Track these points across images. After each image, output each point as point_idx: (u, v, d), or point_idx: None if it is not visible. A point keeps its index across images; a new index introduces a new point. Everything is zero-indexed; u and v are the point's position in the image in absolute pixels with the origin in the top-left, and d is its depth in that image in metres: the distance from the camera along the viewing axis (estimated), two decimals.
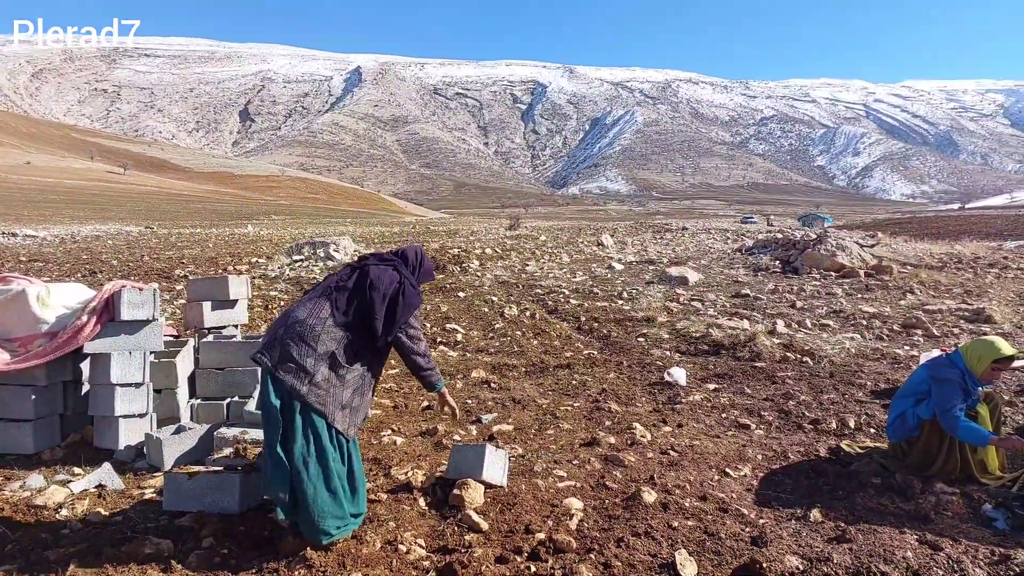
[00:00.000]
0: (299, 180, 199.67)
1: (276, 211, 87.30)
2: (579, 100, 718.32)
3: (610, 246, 25.09)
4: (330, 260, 15.68)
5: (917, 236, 27.03)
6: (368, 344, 3.18)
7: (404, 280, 3.30)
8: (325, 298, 3.17)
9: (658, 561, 2.99)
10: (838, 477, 4.03)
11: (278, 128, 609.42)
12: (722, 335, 7.81)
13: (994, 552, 3.09)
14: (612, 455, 4.33)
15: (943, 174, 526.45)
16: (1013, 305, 10.31)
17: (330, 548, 3.02)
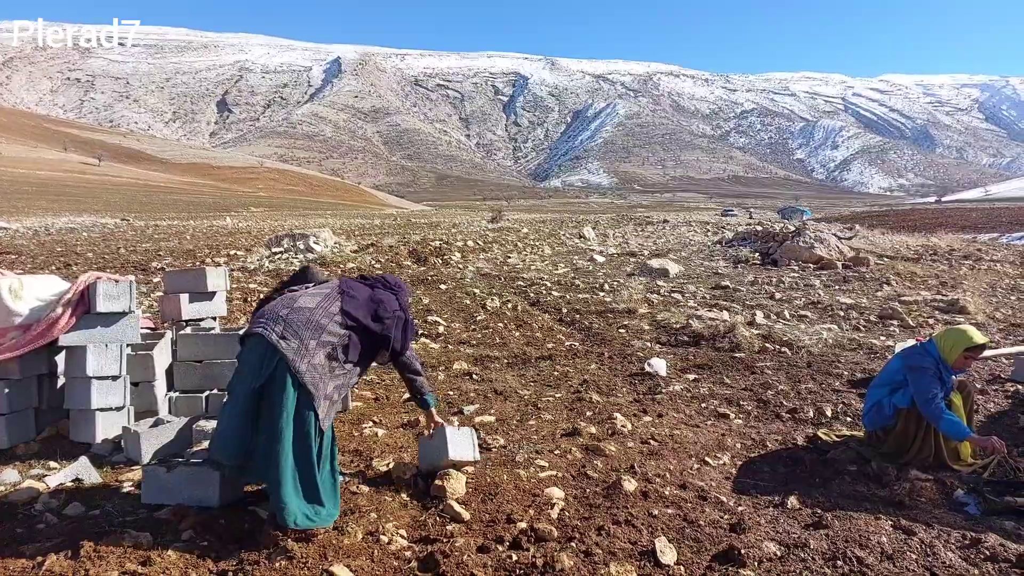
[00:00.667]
0: (278, 172, 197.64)
1: (255, 203, 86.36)
2: (561, 92, 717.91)
3: (592, 238, 25.19)
4: (310, 252, 15.57)
5: (894, 229, 27.45)
6: (364, 350, 3.33)
7: (407, 308, 3.60)
8: (336, 297, 3.34)
9: (638, 548, 3.03)
10: (815, 465, 4.10)
11: (256, 119, 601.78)
12: (702, 326, 7.88)
13: (965, 536, 3.16)
14: (593, 445, 4.36)
15: (919, 168, 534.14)
16: (986, 296, 10.53)
17: (311, 539, 3.01)
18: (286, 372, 3.01)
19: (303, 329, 3.12)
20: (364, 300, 3.41)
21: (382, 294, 3.51)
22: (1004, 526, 3.29)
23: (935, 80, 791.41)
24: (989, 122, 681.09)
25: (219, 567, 2.84)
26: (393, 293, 3.58)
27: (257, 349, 3.10)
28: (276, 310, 3.22)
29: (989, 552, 3.01)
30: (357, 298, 3.39)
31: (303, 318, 3.16)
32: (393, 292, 3.59)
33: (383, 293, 3.52)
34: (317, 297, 3.31)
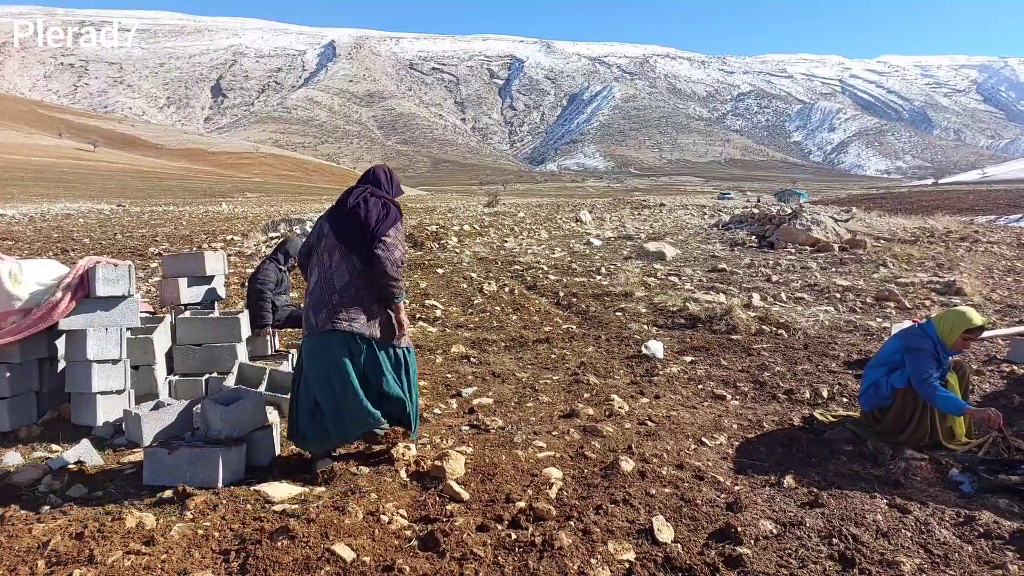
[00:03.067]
0: (273, 157, 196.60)
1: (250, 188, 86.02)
2: (557, 75, 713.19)
3: (588, 222, 25.15)
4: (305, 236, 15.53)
5: (891, 211, 27.45)
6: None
7: (385, 200, 3.72)
8: (342, 261, 3.58)
9: (636, 527, 3.06)
10: (811, 445, 4.13)
11: (251, 104, 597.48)
12: (699, 309, 7.91)
13: (959, 514, 3.20)
14: (591, 426, 4.39)
15: (917, 150, 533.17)
16: (983, 278, 10.57)
17: (312, 519, 3.04)
18: (363, 341, 3.60)
19: (352, 305, 3.60)
20: (352, 231, 3.62)
21: (365, 205, 3.65)
22: (998, 504, 3.34)
23: (933, 61, 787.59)
24: (987, 103, 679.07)
25: (222, 547, 2.87)
26: (369, 192, 3.74)
27: (319, 342, 3.61)
28: (323, 293, 3.62)
29: (983, 529, 3.05)
30: (347, 242, 3.62)
31: (349, 297, 3.58)
32: (368, 191, 3.75)
33: (366, 203, 3.66)
34: (335, 268, 3.63)
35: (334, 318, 3.48)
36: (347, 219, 3.60)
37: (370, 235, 3.52)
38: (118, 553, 2.74)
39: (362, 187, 3.76)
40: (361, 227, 3.54)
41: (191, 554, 2.80)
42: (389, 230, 3.55)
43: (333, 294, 3.52)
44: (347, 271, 3.54)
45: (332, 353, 3.51)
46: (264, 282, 5.57)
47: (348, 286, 3.52)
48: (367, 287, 3.54)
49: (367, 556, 2.78)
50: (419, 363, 6.18)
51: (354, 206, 3.62)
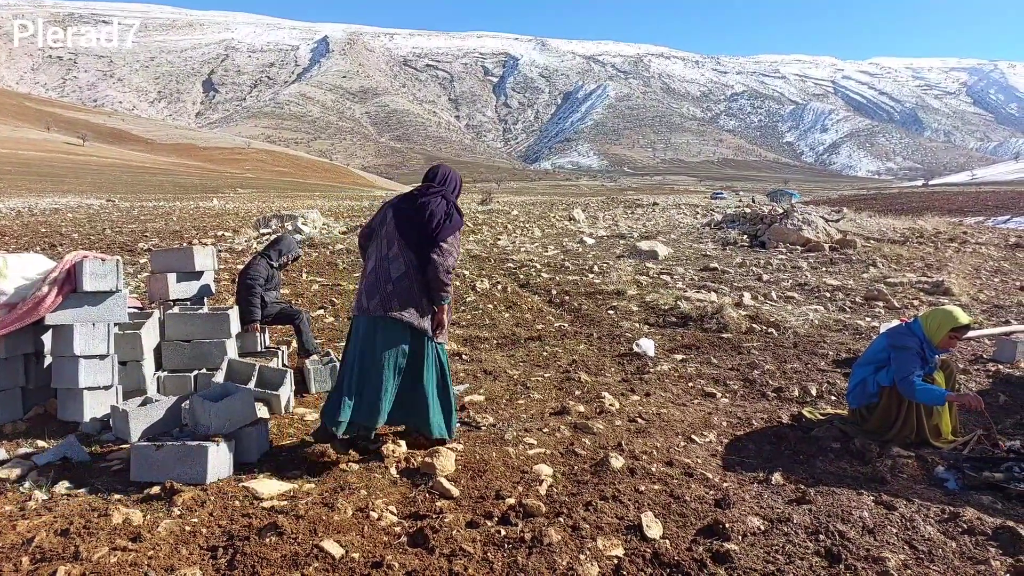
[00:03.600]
0: (265, 153, 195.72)
1: (242, 184, 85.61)
2: (551, 73, 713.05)
3: (582, 221, 25.17)
4: (298, 233, 15.47)
5: (881, 211, 27.59)
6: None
7: (450, 203, 3.84)
8: (400, 253, 3.71)
9: (625, 523, 3.07)
10: (799, 442, 4.16)
11: (243, 99, 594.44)
12: (690, 307, 7.94)
13: (944, 510, 3.23)
14: (581, 423, 4.40)
15: (908, 151, 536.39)
16: (971, 278, 10.65)
17: (301, 516, 3.03)
18: (421, 335, 3.83)
19: (407, 295, 3.77)
20: (413, 229, 3.79)
21: (431, 204, 3.79)
22: (982, 500, 3.37)
23: (924, 63, 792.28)
24: (977, 106, 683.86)
25: (209, 543, 2.86)
26: (440, 195, 3.87)
27: (375, 325, 3.78)
28: (379, 282, 3.79)
29: (967, 525, 3.08)
30: (406, 240, 3.79)
31: (404, 287, 3.74)
32: (439, 193, 3.87)
33: (432, 202, 3.80)
34: (394, 259, 3.78)
35: (387, 306, 3.66)
36: (412, 214, 3.76)
37: (429, 237, 3.69)
38: (104, 549, 2.73)
39: (431, 185, 3.89)
40: (422, 226, 3.70)
41: (178, 550, 2.78)
42: (448, 236, 3.72)
43: (388, 283, 3.69)
44: (404, 263, 3.71)
45: (378, 338, 3.70)
46: (254, 277, 5.55)
47: (403, 278, 3.69)
48: (420, 282, 3.71)
49: (356, 552, 2.77)
50: None
51: (422, 204, 3.76)
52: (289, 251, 6.00)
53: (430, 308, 3.77)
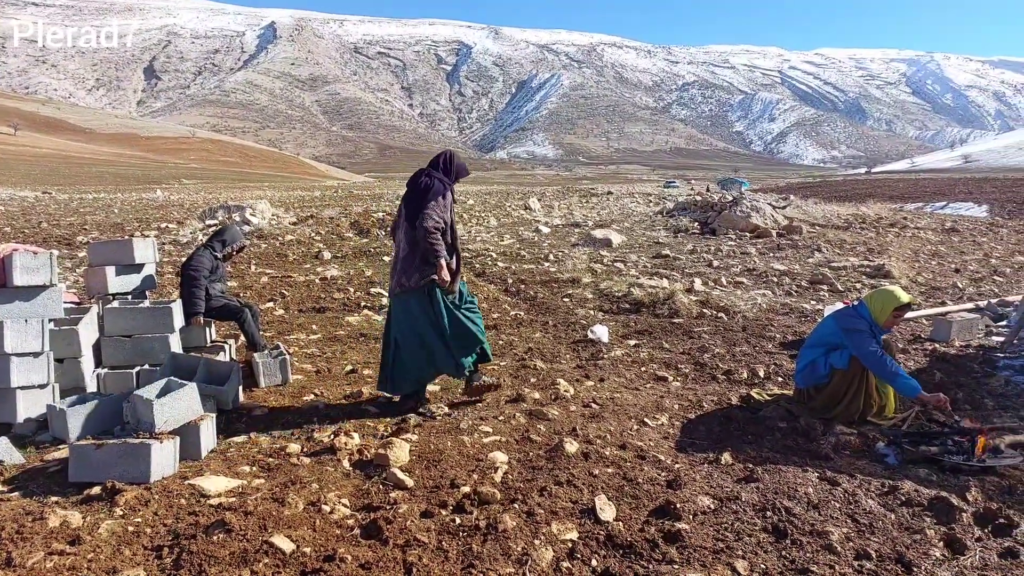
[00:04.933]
0: (211, 142, 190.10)
1: (187, 175, 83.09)
2: (505, 62, 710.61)
3: (537, 210, 25.23)
4: (246, 225, 15.08)
5: (826, 198, 28.43)
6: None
7: (434, 177, 4.35)
8: (404, 235, 4.30)
9: (579, 507, 3.09)
10: (748, 423, 4.26)
11: (187, 87, 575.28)
12: (643, 294, 8.04)
13: (884, 484, 3.35)
14: (537, 410, 4.42)
15: (851, 140, 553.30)
16: (910, 261, 11.07)
17: (250, 512, 2.96)
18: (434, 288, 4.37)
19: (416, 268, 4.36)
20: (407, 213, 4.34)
21: (422, 185, 4.33)
22: (919, 474, 3.51)
23: (867, 54, 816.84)
24: (916, 96, 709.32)
25: (154, 543, 2.77)
26: (427, 175, 4.40)
27: (427, 296, 4.35)
28: (394, 265, 4.46)
29: (905, 498, 3.20)
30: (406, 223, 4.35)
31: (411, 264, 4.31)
32: (427, 175, 4.40)
33: (421, 184, 4.35)
34: (403, 242, 4.36)
35: (399, 282, 4.29)
36: (410, 199, 4.34)
37: (417, 209, 4.22)
38: (39, 554, 2.61)
39: (423, 169, 4.46)
40: (416, 203, 4.26)
41: (121, 552, 2.69)
42: (430, 202, 4.19)
43: (398, 263, 4.34)
44: (407, 243, 4.26)
45: (398, 314, 4.37)
46: (197, 269, 5.38)
47: (408, 256, 4.26)
48: (417, 251, 4.22)
49: (307, 547, 2.73)
50: (363, 352, 6.10)
51: (418, 185, 4.34)
52: (234, 241, 5.82)
53: (429, 270, 4.21)
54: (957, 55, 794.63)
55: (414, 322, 4.30)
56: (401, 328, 4.34)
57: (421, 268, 4.21)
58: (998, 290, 8.84)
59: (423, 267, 4.20)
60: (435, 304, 4.28)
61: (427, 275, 4.20)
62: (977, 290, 8.86)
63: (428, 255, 4.17)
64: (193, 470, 3.50)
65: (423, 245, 4.15)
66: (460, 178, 4.55)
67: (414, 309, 4.29)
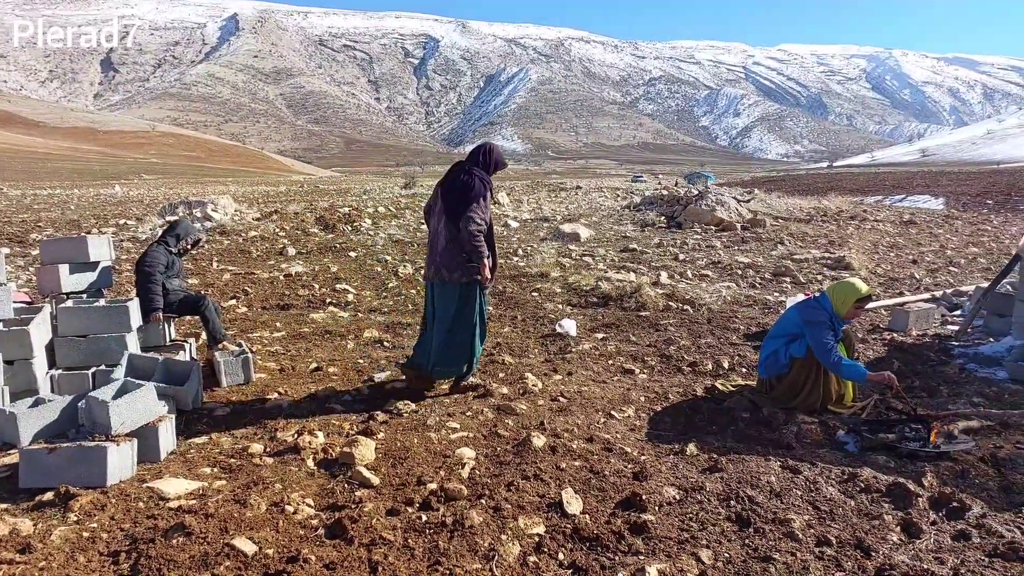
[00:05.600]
0: (173, 136, 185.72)
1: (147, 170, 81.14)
2: (473, 56, 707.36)
3: (506, 204, 25.17)
4: (208, 221, 14.76)
5: (789, 192, 28.94)
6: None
7: (475, 175, 4.46)
8: (443, 227, 4.46)
9: (547, 501, 3.10)
10: (712, 413, 4.32)
11: (146, 79, 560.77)
12: (610, 287, 8.09)
13: (844, 472, 3.42)
14: (504, 404, 4.41)
15: (814, 134, 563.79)
16: (869, 253, 11.33)
17: (211, 515, 2.91)
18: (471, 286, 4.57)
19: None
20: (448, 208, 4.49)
21: (459, 184, 4.47)
22: (877, 460, 3.59)
23: (828, 50, 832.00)
24: (875, 91, 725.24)
25: (110, 549, 2.70)
26: (465, 172, 4.51)
27: (467, 288, 4.55)
28: (432, 256, 4.63)
29: (864, 484, 3.27)
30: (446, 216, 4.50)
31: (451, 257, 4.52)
32: (464, 171, 4.52)
33: (458, 182, 4.48)
34: (442, 235, 4.52)
35: (439, 272, 4.47)
36: (450, 192, 4.47)
37: (460, 208, 4.37)
38: None
39: (464, 164, 4.57)
40: (457, 201, 4.40)
41: (75, 559, 2.61)
42: (472, 204, 4.35)
43: (436, 253, 4.49)
44: (446, 238, 4.44)
45: (437, 299, 4.54)
46: (152, 265, 5.24)
47: (447, 247, 4.43)
48: (459, 248, 4.40)
49: (270, 548, 2.68)
50: (328, 349, 6.02)
51: (452, 181, 4.49)
52: (188, 235, 5.69)
53: (470, 266, 4.42)
54: (914, 52, 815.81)
55: (445, 312, 4.52)
56: (436, 313, 4.57)
57: (464, 266, 4.43)
58: (953, 280, 9.10)
59: (466, 265, 4.42)
60: (471, 302, 4.52)
61: (470, 273, 4.43)
62: (933, 281, 9.10)
63: (472, 256, 4.40)
64: (152, 473, 3.42)
65: (468, 247, 4.37)
66: (497, 171, 4.71)
67: (451, 302, 4.50)
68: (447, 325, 4.51)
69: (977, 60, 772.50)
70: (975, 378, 5.05)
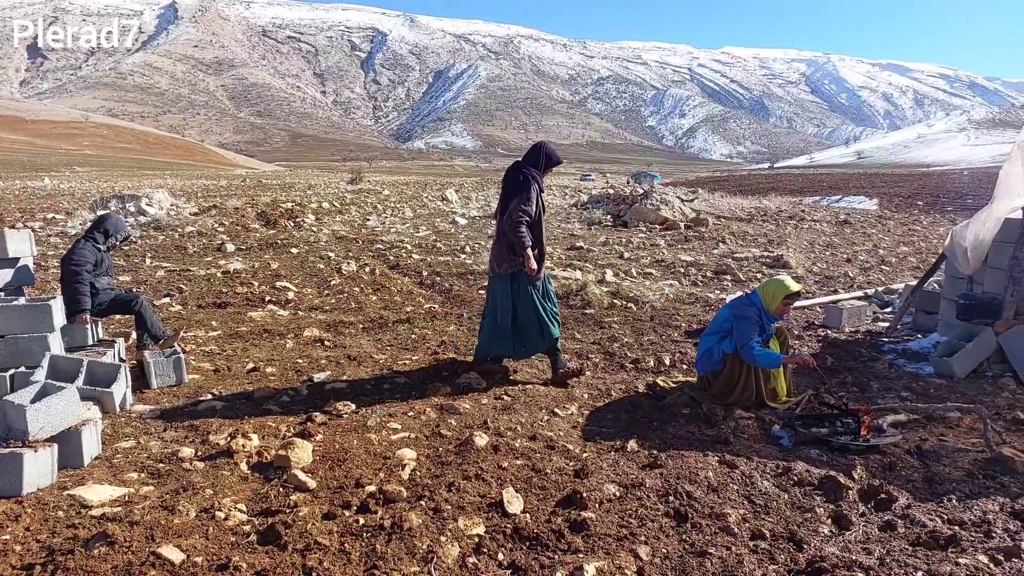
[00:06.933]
0: (107, 127, 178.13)
1: (80, 162, 77.65)
2: (421, 51, 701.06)
3: (455, 201, 25.07)
4: (142, 216, 14.19)
5: (732, 192, 29.73)
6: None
7: (521, 171, 4.79)
8: (499, 224, 4.81)
9: (487, 501, 3.08)
10: (653, 410, 4.38)
11: (78, 67, 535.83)
12: (557, 285, 8.12)
13: (779, 466, 3.51)
14: (448, 404, 4.37)
15: (756, 136, 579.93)
16: (806, 252, 11.71)
17: (136, 523, 2.77)
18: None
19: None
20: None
21: (514, 182, 4.79)
22: (811, 454, 3.70)
23: (770, 54, 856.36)
24: (814, 95, 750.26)
25: (24, 561, 2.54)
26: (519, 172, 4.83)
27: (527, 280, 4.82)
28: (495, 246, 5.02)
29: (797, 478, 3.36)
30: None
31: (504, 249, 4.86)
32: (520, 172, 4.83)
33: (514, 182, 4.79)
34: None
35: (494, 266, 4.84)
36: (503, 191, 4.83)
37: (508, 203, 4.69)
38: None
39: (522, 163, 4.87)
40: (507, 197, 4.74)
41: None
42: (515, 198, 4.65)
43: (493, 247, 4.90)
44: (497, 232, 4.82)
45: (495, 290, 4.89)
46: (79, 263, 4.99)
47: (498, 239, 4.82)
48: (506, 243, 4.70)
49: (199, 556, 2.58)
50: (267, 348, 5.86)
51: (510, 180, 4.79)
52: (117, 231, 5.40)
53: (514, 258, 4.70)
54: (851, 57, 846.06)
55: (496, 302, 4.83)
56: (495, 304, 4.88)
57: (509, 257, 4.71)
58: (884, 278, 9.49)
59: (511, 256, 4.70)
60: (523, 292, 4.79)
61: (516, 264, 4.70)
62: (866, 279, 9.47)
63: (515, 246, 4.64)
64: (74, 480, 3.25)
65: (510, 237, 4.63)
66: (550, 167, 4.93)
67: (498, 292, 4.82)
68: (504, 313, 4.80)
69: (909, 67, 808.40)
70: (903, 373, 5.27)
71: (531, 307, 4.78)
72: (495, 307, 4.86)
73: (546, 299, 4.92)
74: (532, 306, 4.78)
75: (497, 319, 4.83)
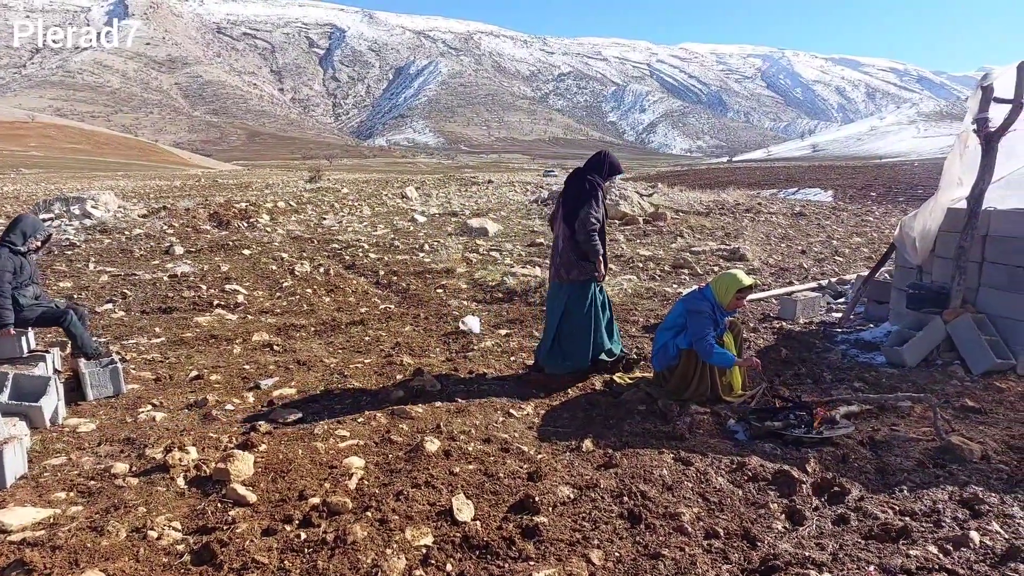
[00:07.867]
0: (55, 127, 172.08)
1: (26, 163, 74.88)
2: (381, 47, 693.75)
3: (415, 199, 24.81)
4: (87, 219, 13.66)
5: (691, 186, 29.97)
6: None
7: (586, 179, 4.83)
8: (561, 230, 4.85)
9: (436, 509, 2.97)
10: (609, 407, 4.32)
11: (23, 66, 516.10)
12: (516, 283, 8.05)
13: (733, 461, 3.48)
14: (400, 408, 4.25)
15: (714, 131, 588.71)
16: (762, 244, 11.84)
17: (58, 547, 2.60)
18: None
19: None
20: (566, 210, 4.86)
21: (575, 188, 4.86)
22: (765, 448, 3.68)
23: (726, 50, 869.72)
24: (770, 89, 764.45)
25: None
26: (582, 179, 4.87)
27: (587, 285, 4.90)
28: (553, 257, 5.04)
29: (751, 473, 3.34)
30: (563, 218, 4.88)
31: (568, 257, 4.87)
32: (583, 179, 4.87)
33: (575, 187, 4.85)
34: (560, 238, 4.90)
35: (558, 272, 4.84)
36: (568, 198, 4.84)
37: (573, 211, 4.73)
38: None
39: (579, 170, 4.93)
40: (572, 204, 4.77)
41: None
42: (583, 206, 4.69)
43: (556, 255, 4.89)
44: (564, 237, 4.80)
45: (559, 299, 4.86)
46: None
47: (564, 247, 4.80)
48: (575, 248, 4.74)
49: None
50: (212, 355, 5.64)
51: (574, 187, 4.83)
52: (36, 232, 4.97)
53: (584, 264, 4.76)
54: (805, 52, 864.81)
55: (556, 310, 4.85)
56: (555, 313, 4.86)
57: (579, 264, 4.76)
58: (838, 269, 9.64)
59: (581, 263, 4.76)
60: (582, 301, 4.81)
61: (586, 272, 4.77)
62: (820, 270, 9.60)
63: (589, 254, 4.73)
64: None
65: (584, 246, 4.70)
66: (613, 175, 4.95)
67: (560, 300, 4.83)
68: (557, 322, 4.83)
69: (860, 61, 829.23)
70: (856, 363, 5.32)
71: (582, 321, 4.80)
72: (553, 314, 4.90)
73: (603, 309, 4.99)
74: (584, 319, 4.80)
75: (569, 328, 4.84)
